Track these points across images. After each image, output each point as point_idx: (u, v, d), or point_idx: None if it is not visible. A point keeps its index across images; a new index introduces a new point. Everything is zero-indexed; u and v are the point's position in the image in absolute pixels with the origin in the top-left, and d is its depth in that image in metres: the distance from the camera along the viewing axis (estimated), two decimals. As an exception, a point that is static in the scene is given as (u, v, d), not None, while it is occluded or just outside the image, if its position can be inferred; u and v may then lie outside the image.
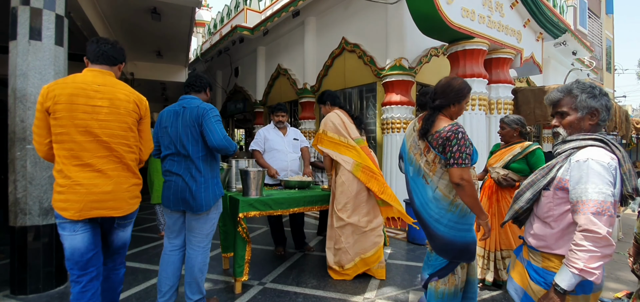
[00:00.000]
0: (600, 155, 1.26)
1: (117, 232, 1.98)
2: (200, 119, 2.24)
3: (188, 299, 2.36)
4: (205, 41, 12.75)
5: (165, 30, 5.67)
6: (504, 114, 5.00)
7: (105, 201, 1.82)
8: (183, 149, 2.25)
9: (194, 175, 2.25)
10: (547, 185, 1.39)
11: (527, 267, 1.47)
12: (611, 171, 1.24)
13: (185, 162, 2.27)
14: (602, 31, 14.02)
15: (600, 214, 1.19)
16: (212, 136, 2.21)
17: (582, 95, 1.37)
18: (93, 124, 1.80)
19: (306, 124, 7.23)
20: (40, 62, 2.84)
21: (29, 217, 2.81)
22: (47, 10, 2.87)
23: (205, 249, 2.38)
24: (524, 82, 8.38)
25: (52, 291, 2.88)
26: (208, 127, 2.22)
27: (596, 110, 1.35)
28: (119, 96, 1.89)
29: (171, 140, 2.29)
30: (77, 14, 4.20)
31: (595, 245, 1.18)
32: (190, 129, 2.25)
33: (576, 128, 1.39)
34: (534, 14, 5.33)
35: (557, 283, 1.26)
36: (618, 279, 3.53)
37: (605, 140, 1.32)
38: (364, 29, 6.00)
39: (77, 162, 1.78)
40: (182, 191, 2.25)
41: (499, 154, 3.08)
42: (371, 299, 2.82)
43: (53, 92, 1.78)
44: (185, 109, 2.31)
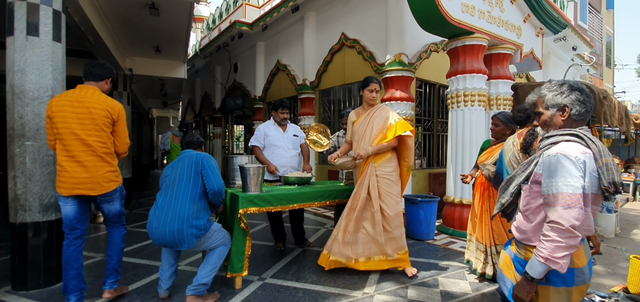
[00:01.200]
0: (569, 149, 1.31)
1: (104, 206, 2.57)
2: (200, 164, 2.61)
3: (196, 281, 2.58)
4: (204, 37, 12.69)
5: (163, 26, 5.63)
6: (504, 110, 5.00)
7: (84, 183, 2.42)
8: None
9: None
10: (526, 179, 1.46)
11: (513, 259, 1.52)
12: (579, 164, 1.28)
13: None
14: (603, 26, 13.98)
15: (570, 206, 1.25)
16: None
17: (549, 93, 1.46)
18: (75, 126, 2.39)
19: (305, 119, 7.22)
20: (38, 58, 2.83)
21: (29, 213, 2.81)
22: (44, 6, 2.85)
23: (226, 242, 2.75)
24: (524, 77, 8.37)
25: (53, 286, 2.89)
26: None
27: (565, 106, 1.41)
28: (94, 106, 2.45)
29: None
30: (75, 9, 4.17)
31: (560, 236, 1.25)
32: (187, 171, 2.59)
33: (550, 125, 1.46)
34: (534, 9, 5.32)
35: (527, 271, 1.36)
36: (615, 273, 3.55)
37: (579, 135, 1.36)
38: (363, 24, 5.98)
39: (66, 154, 2.40)
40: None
41: (490, 150, 3.11)
42: (370, 293, 2.83)
43: (51, 104, 2.42)
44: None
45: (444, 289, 2.94)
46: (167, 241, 2.47)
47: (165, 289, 2.68)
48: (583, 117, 1.41)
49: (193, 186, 2.51)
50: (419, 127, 6.05)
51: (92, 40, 5.22)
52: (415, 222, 4.45)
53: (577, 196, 1.25)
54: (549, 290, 1.37)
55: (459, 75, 4.58)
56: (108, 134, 2.50)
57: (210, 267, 2.60)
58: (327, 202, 3.32)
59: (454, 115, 4.71)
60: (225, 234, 2.74)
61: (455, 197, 4.70)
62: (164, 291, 2.68)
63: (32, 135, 2.81)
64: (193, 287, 2.54)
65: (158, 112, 17.27)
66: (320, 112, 7.25)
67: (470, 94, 4.54)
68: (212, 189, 2.54)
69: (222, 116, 11.85)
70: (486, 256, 3.03)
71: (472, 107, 4.56)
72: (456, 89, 4.63)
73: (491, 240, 3.00)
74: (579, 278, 1.37)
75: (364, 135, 3.19)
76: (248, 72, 9.61)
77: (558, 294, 1.36)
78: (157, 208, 2.52)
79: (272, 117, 3.96)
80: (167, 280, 2.69)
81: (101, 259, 3.62)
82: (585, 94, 1.41)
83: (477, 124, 4.60)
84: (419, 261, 3.64)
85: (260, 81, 9.01)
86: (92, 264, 3.48)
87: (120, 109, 2.60)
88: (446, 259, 3.71)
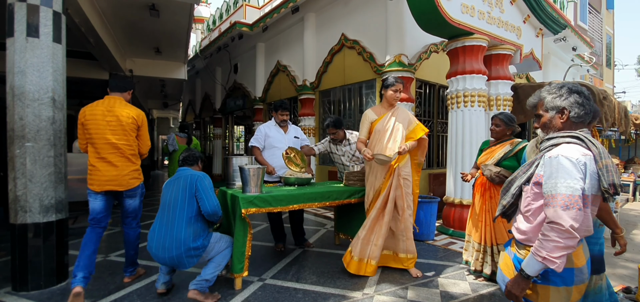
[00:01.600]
0: (570, 151, 1.32)
1: (127, 200, 2.94)
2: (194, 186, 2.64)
3: (201, 276, 2.63)
4: (204, 38, 12.70)
5: (163, 27, 5.64)
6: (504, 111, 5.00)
7: (113, 180, 2.80)
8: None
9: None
10: (527, 181, 1.47)
11: (513, 259, 1.53)
12: (580, 166, 1.30)
13: None
14: (603, 27, 13.98)
15: (568, 207, 1.26)
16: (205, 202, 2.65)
17: (549, 96, 1.48)
18: (107, 132, 2.78)
19: (305, 120, 7.23)
20: (38, 59, 2.84)
21: (29, 214, 2.81)
22: (44, 7, 2.85)
23: (228, 243, 2.82)
24: (524, 78, 8.37)
25: (53, 287, 2.90)
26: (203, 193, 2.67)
27: (564, 108, 1.44)
28: (123, 114, 2.85)
29: None
30: (75, 10, 4.18)
31: (559, 236, 1.26)
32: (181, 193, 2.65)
33: (550, 127, 1.49)
34: (534, 9, 5.32)
35: (523, 268, 1.37)
36: (614, 274, 3.55)
37: (580, 137, 1.37)
38: (363, 25, 5.99)
39: (97, 156, 2.78)
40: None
41: (490, 151, 3.10)
42: (370, 294, 2.83)
43: (85, 113, 2.79)
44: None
45: (444, 290, 2.94)
46: (167, 264, 2.56)
47: (162, 283, 2.73)
48: (582, 119, 1.43)
49: (188, 209, 2.54)
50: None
51: (92, 42, 5.23)
52: (415, 223, 4.44)
53: (576, 197, 1.26)
54: (549, 289, 1.38)
55: (459, 76, 4.58)
56: (134, 138, 2.90)
57: (215, 265, 2.64)
58: (327, 203, 3.32)
59: (453, 116, 4.71)
60: (227, 240, 2.78)
61: (455, 198, 4.70)
62: (160, 284, 2.73)
63: (33, 137, 2.82)
64: (196, 282, 2.58)
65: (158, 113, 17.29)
66: (320, 113, 7.25)
67: (470, 94, 4.54)
68: (206, 211, 2.57)
69: (222, 117, 11.86)
70: (484, 255, 3.04)
71: (472, 107, 4.56)
72: (456, 90, 4.63)
73: (492, 240, 3.00)
74: (578, 277, 1.39)
75: (385, 134, 3.15)
76: (248, 73, 9.62)
77: (558, 293, 1.37)
78: (155, 232, 2.57)
79: (273, 117, 3.97)
80: (165, 275, 2.74)
81: (101, 260, 3.62)
82: (584, 96, 1.42)
83: (477, 125, 4.60)
84: (419, 261, 3.64)
85: (260, 82, 9.02)
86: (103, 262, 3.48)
87: (143, 116, 3.00)
88: (446, 259, 3.71)
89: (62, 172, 3.03)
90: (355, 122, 6.36)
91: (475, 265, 3.10)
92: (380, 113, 3.26)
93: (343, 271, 3.28)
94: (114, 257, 3.69)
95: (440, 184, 5.90)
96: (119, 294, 2.79)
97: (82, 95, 10.64)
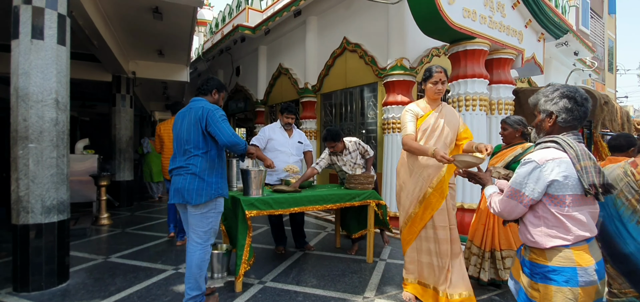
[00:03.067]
0: (540, 154, 1.42)
1: None
2: (204, 119, 2.44)
3: (186, 294, 2.45)
4: (206, 40, 12.75)
5: (166, 30, 5.67)
6: (505, 115, 4.99)
7: None
8: (186, 146, 2.48)
9: (191, 169, 2.44)
10: None
11: (521, 262, 1.57)
12: (544, 168, 1.40)
13: (185, 159, 2.48)
14: (604, 31, 13.97)
15: (508, 196, 1.49)
16: (221, 135, 2.43)
17: (542, 99, 1.54)
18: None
19: (307, 123, 7.24)
20: (43, 61, 2.86)
21: (31, 215, 2.83)
22: (49, 9, 2.88)
23: (204, 247, 2.49)
24: (526, 82, 8.36)
25: (54, 288, 2.90)
26: (215, 126, 2.44)
27: (552, 112, 1.49)
28: None
29: (177, 140, 2.56)
30: (79, 13, 4.21)
31: (499, 207, 1.56)
32: (193, 127, 2.46)
33: (540, 129, 1.57)
34: (535, 14, 5.32)
35: (485, 188, 1.73)
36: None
37: (558, 141, 1.44)
38: (365, 28, 6.00)
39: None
40: (181, 184, 2.45)
41: (500, 154, 3.05)
42: (371, 298, 2.83)
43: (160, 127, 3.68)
44: (191, 109, 2.53)
45: (445, 294, 2.92)
46: (178, 197, 2.54)
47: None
48: (570, 124, 1.47)
49: (202, 145, 2.56)
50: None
51: (96, 44, 5.27)
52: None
53: (516, 192, 1.45)
54: (551, 289, 1.39)
55: (461, 80, 4.59)
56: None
57: (193, 279, 2.45)
58: (328, 206, 3.32)
59: (455, 120, 4.70)
60: (209, 251, 2.58)
61: (456, 202, 4.69)
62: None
63: (36, 138, 2.83)
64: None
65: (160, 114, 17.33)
66: (322, 116, 7.26)
67: (472, 98, 4.54)
68: (223, 144, 2.52)
69: (224, 119, 11.87)
70: (482, 261, 2.97)
71: (474, 111, 4.56)
72: (457, 94, 4.64)
73: (492, 245, 2.94)
74: (583, 278, 1.36)
75: (436, 132, 2.65)
76: (250, 76, 9.65)
77: (562, 294, 1.37)
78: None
79: (278, 119, 3.97)
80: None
81: (102, 261, 3.63)
82: (575, 101, 1.45)
83: (479, 129, 4.60)
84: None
85: (262, 84, 9.05)
86: (92, 266, 3.49)
87: None
88: (447, 263, 3.69)
89: (65, 173, 3.04)
90: (357, 126, 6.37)
91: (472, 272, 2.98)
92: (427, 108, 2.72)
93: (343, 274, 3.28)
94: (114, 259, 3.70)
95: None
96: (119, 295, 2.80)
97: (84, 96, 10.69)
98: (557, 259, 1.39)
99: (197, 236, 2.48)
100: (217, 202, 2.53)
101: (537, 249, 1.45)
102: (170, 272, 3.32)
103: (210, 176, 2.46)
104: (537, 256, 1.45)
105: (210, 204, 2.47)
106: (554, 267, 1.39)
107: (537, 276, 1.44)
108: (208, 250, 2.52)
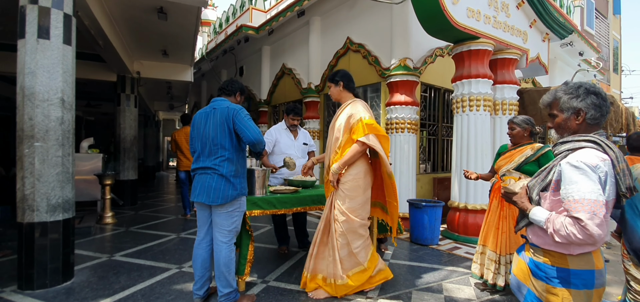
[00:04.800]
0: (589, 157, 1.29)
1: None
2: (232, 119, 2.51)
3: (219, 291, 2.57)
4: (210, 40, 12.80)
5: (171, 30, 5.70)
6: (510, 115, 4.97)
7: None
8: (213, 147, 2.52)
9: (219, 170, 2.48)
10: (546, 187, 1.43)
11: (529, 263, 1.49)
12: (598, 172, 1.27)
13: (213, 159, 2.51)
14: (609, 32, 13.86)
15: (595, 214, 1.22)
16: (247, 132, 2.50)
17: (565, 96, 1.43)
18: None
19: (310, 123, 7.24)
20: (49, 60, 2.88)
21: (36, 213, 2.85)
22: (55, 9, 2.90)
23: (229, 245, 2.58)
24: (530, 82, 8.31)
25: (58, 286, 2.92)
26: (242, 125, 2.51)
27: (580, 110, 1.39)
28: None
29: (201, 140, 2.56)
30: (85, 13, 4.24)
31: (580, 234, 1.23)
32: (220, 127, 2.51)
33: (564, 128, 1.45)
34: (540, 14, 5.29)
35: (532, 215, 1.42)
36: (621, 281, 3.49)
37: (598, 141, 1.34)
38: (368, 28, 6.00)
39: None
40: (208, 184, 2.49)
41: (509, 155, 2.95)
42: (374, 298, 2.82)
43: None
44: (215, 110, 2.56)
45: (449, 295, 2.91)
46: (204, 198, 2.55)
47: (198, 295, 2.65)
48: (598, 121, 1.40)
49: (228, 143, 2.61)
50: (423, 131, 6.03)
51: (101, 44, 5.30)
52: (420, 227, 4.43)
53: (601, 203, 1.23)
54: (571, 293, 1.36)
55: (464, 80, 4.57)
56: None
57: (222, 277, 2.54)
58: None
59: (459, 120, 4.69)
60: (233, 249, 2.67)
61: (460, 203, 4.67)
62: (196, 297, 2.66)
63: (41, 137, 2.86)
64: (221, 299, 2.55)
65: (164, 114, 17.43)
66: (325, 116, 7.26)
67: (476, 98, 4.52)
68: (249, 141, 2.56)
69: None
70: (498, 266, 2.90)
71: (478, 111, 4.54)
72: (461, 94, 4.62)
73: (507, 248, 2.87)
74: (599, 281, 1.37)
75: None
76: (253, 76, 9.67)
77: (579, 296, 1.36)
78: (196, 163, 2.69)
79: (283, 120, 3.96)
80: (200, 282, 2.65)
81: (106, 260, 3.65)
82: (601, 98, 1.39)
83: (483, 129, 4.58)
84: (423, 265, 3.62)
85: (265, 85, 9.06)
86: (97, 264, 3.51)
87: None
88: (450, 264, 3.68)
89: (70, 172, 3.06)
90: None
91: (487, 276, 2.94)
92: None
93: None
94: (118, 257, 3.72)
95: (444, 189, 5.87)
96: (124, 293, 2.81)
97: (90, 96, 10.77)
98: (580, 263, 1.36)
99: (222, 235, 2.54)
100: (241, 201, 2.61)
101: (557, 252, 1.39)
102: (173, 270, 3.34)
103: (236, 177, 2.53)
104: (557, 260, 1.39)
105: (235, 203, 2.54)
106: (576, 271, 1.35)
107: (556, 280, 1.38)
108: (233, 248, 2.60)
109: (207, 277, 2.66)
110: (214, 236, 2.57)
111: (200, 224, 2.65)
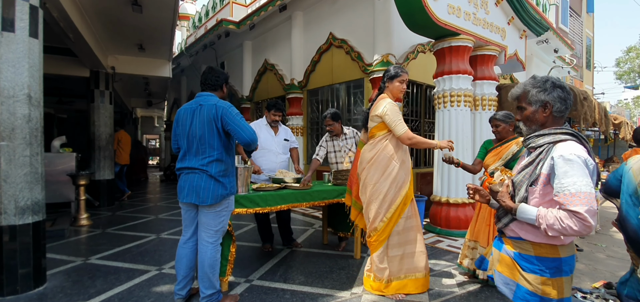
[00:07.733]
0: (580, 150, 1.33)
1: None
2: (220, 118, 2.39)
3: (201, 293, 2.46)
4: (190, 35, 12.48)
5: (147, 23, 5.50)
6: (489, 110, 5.08)
7: None
8: (200, 145, 2.40)
9: (208, 171, 2.38)
10: (535, 181, 1.43)
11: (516, 259, 1.49)
12: (589, 165, 1.32)
13: (200, 160, 2.40)
14: (583, 29, 14.41)
15: (591, 206, 1.24)
16: (242, 133, 2.39)
17: (533, 90, 1.47)
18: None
19: (293, 119, 7.18)
20: (14, 54, 2.72)
21: (4, 216, 2.69)
22: (20, 1, 2.73)
23: (215, 245, 2.49)
24: (508, 78, 8.53)
25: (30, 292, 2.78)
26: (234, 125, 2.39)
27: (547, 102, 1.44)
28: None
29: (188, 138, 2.44)
30: (53, 4, 4.02)
31: (577, 226, 1.24)
32: (207, 126, 2.39)
33: (532, 121, 1.49)
34: (517, 11, 5.42)
35: (518, 212, 1.41)
36: (596, 270, 3.65)
37: (576, 134, 1.40)
38: (351, 24, 5.98)
39: None
40: (196, 184, 2.39)
41: (496, 152, 2.99)
42: (358, 293, 2.83)
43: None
44: (201, 106, 2.43)
45: (432, 288, 2.95)
46: (192, 198, 2.47)
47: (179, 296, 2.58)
48: (562, 114, 1.45)
49: (216, 142, 2.51)
50: (406, 127, 6.08)
51: (71, 37, 5.06)
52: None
53: (593, 195, 1.27)
54: (563, 281, 1.41)
55: (446, 76, 4.63)
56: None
57: (206, 278, 2.46)
58: (316, 203, 3.29)
59: (440, 116, 4.75)
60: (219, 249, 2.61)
61: (442, 197, 4.75)
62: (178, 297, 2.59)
63: (7, 136, 2.69)
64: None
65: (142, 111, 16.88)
66: (308, 112, 7.22)
67: (457, 94, 4.59)
68: (244, 142, 2.47)
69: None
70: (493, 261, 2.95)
71: (459, 107, 4.61)
72: (443, 90, 4.68)
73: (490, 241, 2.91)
74: (572, 266, 1.45)
75: None
76: (235, 72, 9.50)
77: (568, 283, 1.43)
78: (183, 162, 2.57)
79: (264, 116, 3.89)
80: (182, 283, 2.57)
81: (81, 263, 3.51)
82: (566, 91, 1.45)
83: (464, 124, 4.65)
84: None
85: (247, 81, 8.93)
86: (71, 268, 3.36)
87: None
88: (433, 257, 3.74)
89: (39, 172, 2.91)
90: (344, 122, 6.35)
91: (479, 271, 2.97)
92: None
93: (331, 271, 3.27)
94: (94, 260, 3.58)
95: (427, 183, 5.95)
96: (100, 298, 2.70)
97: (61, 92, 10.30)
98: (568, 250, 1.42)
99: (208, 235, 2.46)
100: (229, 200, 2.54)
101: (548, 244, 1.41)
102: (153, 272, 3.23)
103: (225, 176, 2.46)
104: (549, 251, 1.41)
105: (224, 203, 2.48)
106: (566, 259, 1.41)
107: (550, 270, 1.40)
108: (219, 248, 2.52)
109: (191, 278, 2.59)
110: (199, 235, 2.49)
111: (186, 224, 2.56)
